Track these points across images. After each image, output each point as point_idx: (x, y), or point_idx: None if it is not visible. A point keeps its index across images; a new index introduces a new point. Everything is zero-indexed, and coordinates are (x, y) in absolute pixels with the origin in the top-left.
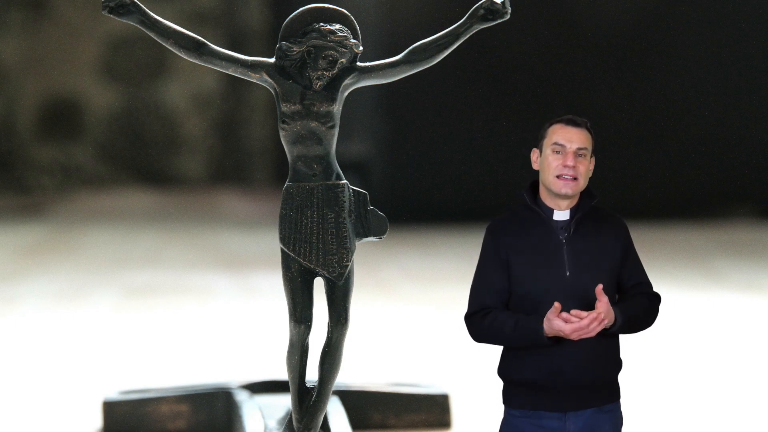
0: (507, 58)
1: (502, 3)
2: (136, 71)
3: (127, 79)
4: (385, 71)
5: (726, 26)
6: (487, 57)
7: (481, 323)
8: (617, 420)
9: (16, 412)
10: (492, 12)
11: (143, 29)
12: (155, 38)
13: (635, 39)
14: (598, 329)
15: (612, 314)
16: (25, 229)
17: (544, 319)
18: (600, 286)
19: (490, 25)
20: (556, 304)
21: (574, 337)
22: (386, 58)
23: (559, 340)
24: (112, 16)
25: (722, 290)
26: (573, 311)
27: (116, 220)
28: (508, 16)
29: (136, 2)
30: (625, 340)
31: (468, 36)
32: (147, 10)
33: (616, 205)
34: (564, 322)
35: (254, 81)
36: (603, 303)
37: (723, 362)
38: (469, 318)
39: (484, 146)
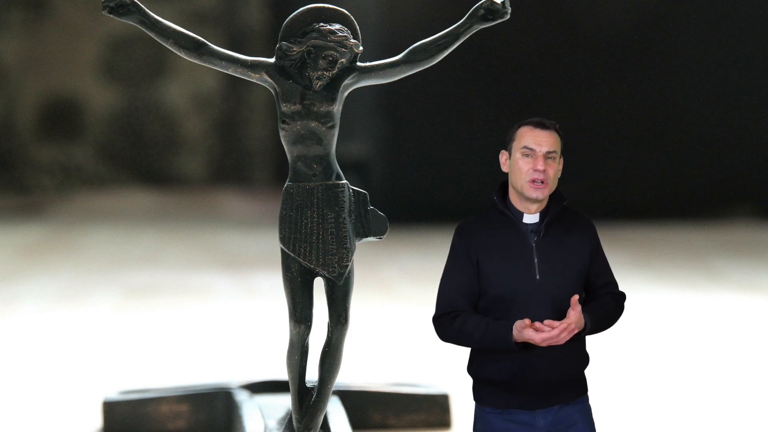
0: (507, 58)
1: (502, 3)
2: (136, 71)
3: (127, 79)
4: (385, 71)
5: (726, 26)
6: (487, 57)
7: (450, 326)
8: (587, 410)
9: (16, 412)
10: (492, 12)
11: (143, 29)
12: (155, 38)
13: (635, 39)
14: (568, 338)
15: (582, 321)
16: (25, 229)
17: (513, 327)
18: (576, 297)
19: (490, 25)
20: (527, 321)
21: (544, 344)
22: (386, 58)
23: (527, 345)
24: (112, 16)
25: (722, 290)
26: (546, 321)
27: (116, 220)
28: (508, 16)
29: (136, 2)
30: (624, 339)
31: (468, 36)
32: (147, 10)
33: (617, 205)
34: (534, 332)
35: (254, 81)
36: (576, 312)
37: (723, 362)
38: (437, 319)
39: (484, 146)
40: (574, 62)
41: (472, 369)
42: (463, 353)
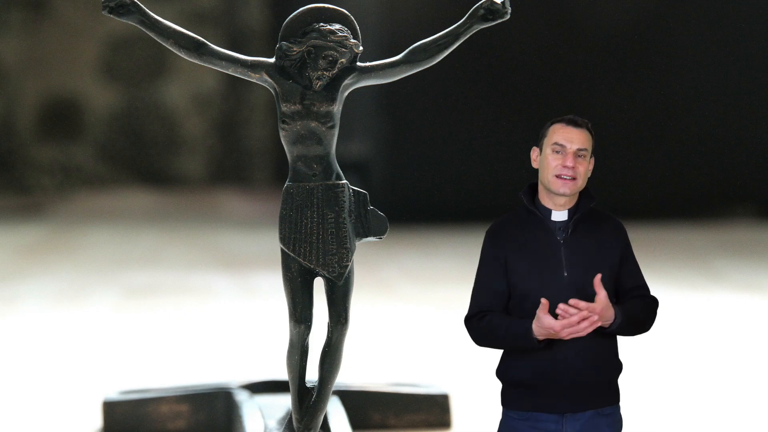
0: (507, 58)
1: (502, 3)
2: (136, 71)
3: (127, 79)
4: (385, 71)
5: (726, 26)
6: (487, 57)
7: (477, 327)
8: (616, 423)
9: (17, 412)
10: (492, 12)
11: (143, 29)
12: (155, 38)
13: (635, 39)
14: (590, 329)
15: (611, 311)
16: (25, 229)
17: (534, 319)
18: (598, 276)
19: (490, 25)
20: (543, 301)
21: (565, 334)
22: (386, 58)
23: (551, 343)
24: (112, 16)
25: (722, 290)
26: (571, 300)
27: (116, 220)
28: (508, 16)
29: (136, 2)
30: (624, 339)
31: (468, 36)
32: (147, 10)
33: (616, 205)
34: (553, 319)
35: (254, 81)
36: (601, 296)
37: (723, 362)
38: (467, 321)
39: (484, 146)
40: (574, 62)
41: (500, 372)
42: (463, 353)
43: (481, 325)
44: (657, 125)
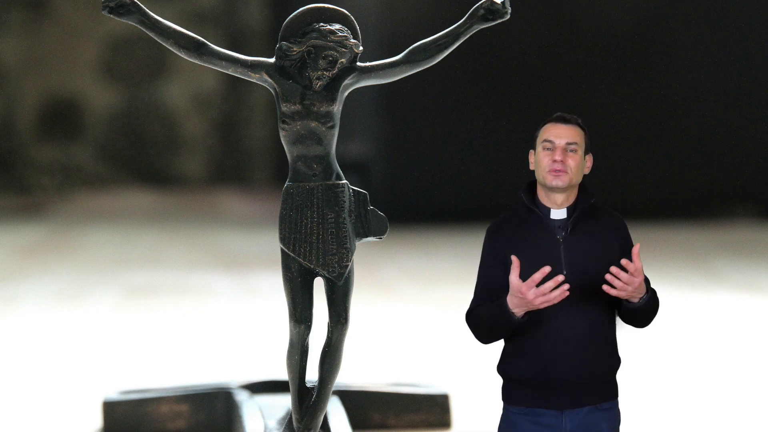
0: (507, 58)
1: (502, 3)
2: (136, 71)
3: (127, 79)
4: (385, 71)
5: (726, 26)
6: (487, 57)
7: (472, 320)
8: (614, 418)
9: (17, 412)
10: (492, 12)
11: (143, 29)
12: (155, 38)
13: (635, 39)
14: (560, 297)
15: (644, 286)
16: (25, 229)
17: (509, 294)
18: (637, 246)
19: (490, 25)
20: (513, 258)
21: (534, 297)
22: (386, 58)
23: (551, 340)
24: (112, 16)
25: (722, 290)
26: (622, 261)
27: (116, 220)
28: (508, 16)
29: (136, 2)
30: (624, 339)
31: (468, 36)
32: (147, 10)
33: (616, 205)
34: (518, 279)
35: (254, 81)
36: (639, 267)
37: (723, 362)
38: (466, 318)
39: (484, 146)
40: (574, 62)
41: (501, 368)
42: (463, 353)
43: (473, 317)
44: (657, 125)
